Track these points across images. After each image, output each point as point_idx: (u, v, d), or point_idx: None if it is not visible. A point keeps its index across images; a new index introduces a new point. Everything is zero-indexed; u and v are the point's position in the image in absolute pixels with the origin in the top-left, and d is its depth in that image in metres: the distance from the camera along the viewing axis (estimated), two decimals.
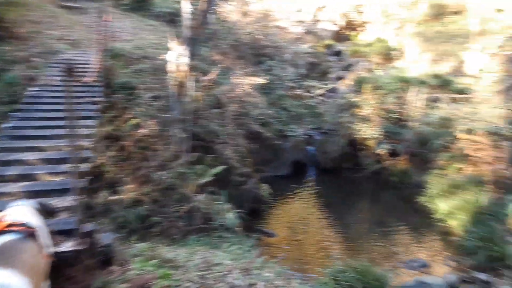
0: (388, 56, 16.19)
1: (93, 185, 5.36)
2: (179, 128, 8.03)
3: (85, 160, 4.64)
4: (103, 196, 5.60)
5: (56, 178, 4.18)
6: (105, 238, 3.41)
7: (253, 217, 8.68)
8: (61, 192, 3.88)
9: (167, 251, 4.28)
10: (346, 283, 4.48)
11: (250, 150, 10.36)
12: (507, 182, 7.63)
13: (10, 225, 2.24)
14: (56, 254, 2.66)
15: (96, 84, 6.72)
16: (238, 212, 7.31)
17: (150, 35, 12.64)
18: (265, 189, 10.53)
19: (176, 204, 7.32)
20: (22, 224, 2.28)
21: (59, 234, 3.06)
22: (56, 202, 3.63)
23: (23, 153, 4.49)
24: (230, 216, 6.61)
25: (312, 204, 10.84)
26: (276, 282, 3.83)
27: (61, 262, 2.78)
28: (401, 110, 11.02)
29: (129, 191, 6.96)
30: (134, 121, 7.80)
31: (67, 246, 3.06)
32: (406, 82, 11.50)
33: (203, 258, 4.25)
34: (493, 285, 4.99)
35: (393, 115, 11.10)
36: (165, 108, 8.32)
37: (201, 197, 7.44)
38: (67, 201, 3.67)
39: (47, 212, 2.87)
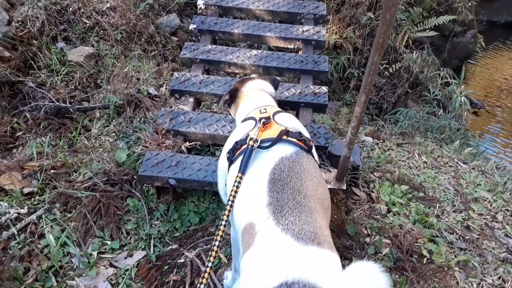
0: None
1: None
2: None
3: (319, 18, 3.35)
4: None
5: (289, 46, 3.08)
6: (356, 157, 2.47)
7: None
8: (298, 73, 2.83)
9: (403, 157, 3.27)
10: None
11: None
12: None
13: (287, 132, 1.43)
14: None
15: None
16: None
17: None
18: (479, 42, 8.11)
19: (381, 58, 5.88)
20: (299, 134, 1.45)
21: None
22: (293, 92, 2.64)
23: None
24: (458, 98, 5.02)
25: None
26: None
27: None
28: None
29: (330, 33, 5.70)
30: None
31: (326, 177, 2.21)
32: None
33: (450, 178, 3.16)
34: None
35: None
36: None
37: (413, 55, 5.81)
38: (311, 91, 2.64)
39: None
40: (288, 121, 1.58)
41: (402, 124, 4.90)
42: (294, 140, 1.41)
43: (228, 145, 1.56)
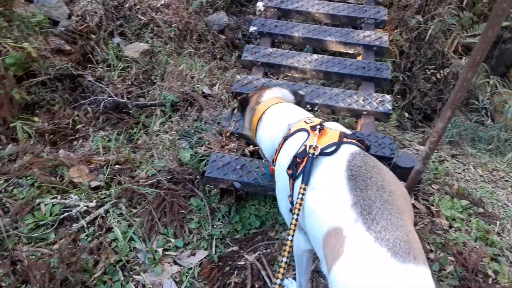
0: None
1: None
2: None
3: (380, 23, 3.28)
4: None
5: (349, 51, 3.03)
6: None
7: None
8: (359, 80, 2.78)
9: (458, 169, 3.17)
10: None
11: None
12: None
13: (345, 135, 1.40)
14: None
15: None
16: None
17: None
18: None
19: (428, 63, 5.73)
20: (354, 135, 1.43)
21: None
22: (356, 99, 2.59)
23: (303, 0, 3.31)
24: (511, 109, 4.82)
25: None
26: None
27: None
28: None
29: None
30: None
31: None
32: None
33: (508, 193, 3.05)
34: None
35: None
36: None
37: (462, 61, 5.60)
38: (374, 99, 2.59)
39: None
40: (338, 126, 1.54)
41: (449, 132, 4.75)
42: (354, 141, 1.38)
43: (284, 161, 1.47)
